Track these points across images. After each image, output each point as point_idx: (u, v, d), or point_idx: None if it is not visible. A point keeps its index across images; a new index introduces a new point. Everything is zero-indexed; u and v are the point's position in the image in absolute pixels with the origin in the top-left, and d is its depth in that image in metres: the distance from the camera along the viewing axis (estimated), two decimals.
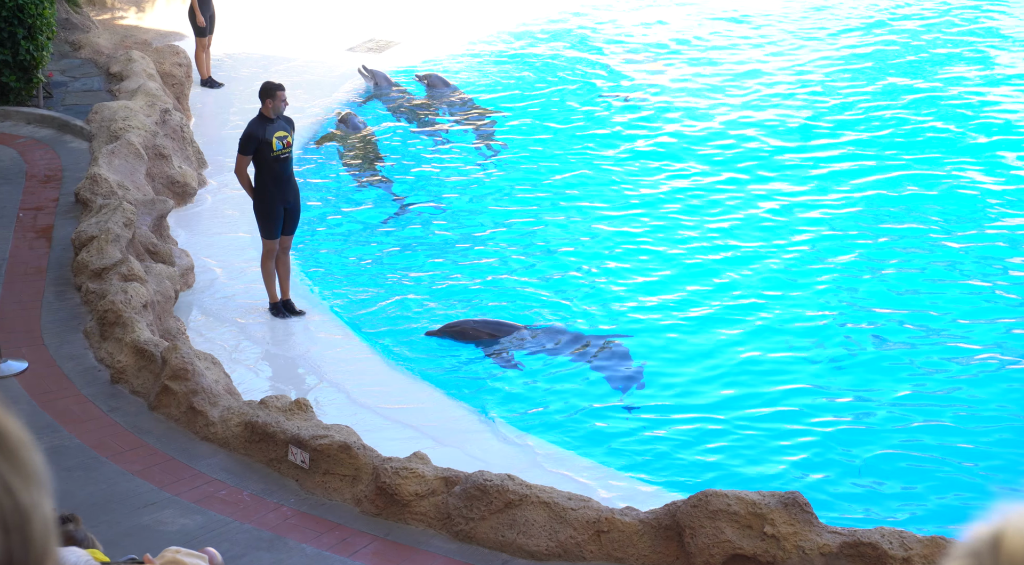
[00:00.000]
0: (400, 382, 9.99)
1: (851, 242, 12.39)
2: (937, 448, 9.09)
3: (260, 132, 10.37)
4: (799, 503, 6.76)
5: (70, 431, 8.23)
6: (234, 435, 8.15)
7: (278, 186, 10.47)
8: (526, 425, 9.42)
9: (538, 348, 10.40)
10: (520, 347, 10.42)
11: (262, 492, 7.70)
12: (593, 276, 11.76)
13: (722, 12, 20.08)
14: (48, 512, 1.29)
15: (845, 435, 9.28)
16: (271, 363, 10.37)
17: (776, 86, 16.82)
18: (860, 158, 14.43)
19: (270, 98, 10.39)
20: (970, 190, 13.46)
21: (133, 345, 8.90)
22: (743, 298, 11.32)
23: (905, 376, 10.04)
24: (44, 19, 13.63)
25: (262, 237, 10.74)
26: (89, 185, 11.23)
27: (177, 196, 12.72)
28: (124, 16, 18.77)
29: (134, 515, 7.31)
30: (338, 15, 19.45)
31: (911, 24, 19.32)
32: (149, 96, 13.62)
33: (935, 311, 11.01)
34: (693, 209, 13.24)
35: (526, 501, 7.17)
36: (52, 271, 10.40)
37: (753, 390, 9.88)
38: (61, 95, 14.39)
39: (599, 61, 17.94)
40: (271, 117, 10.41)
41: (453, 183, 14.09)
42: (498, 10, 20.03)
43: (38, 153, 12.94)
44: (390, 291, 11.56)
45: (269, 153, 10.37)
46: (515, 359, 10.29)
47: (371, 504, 7.52)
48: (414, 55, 18.12)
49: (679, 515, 6.90)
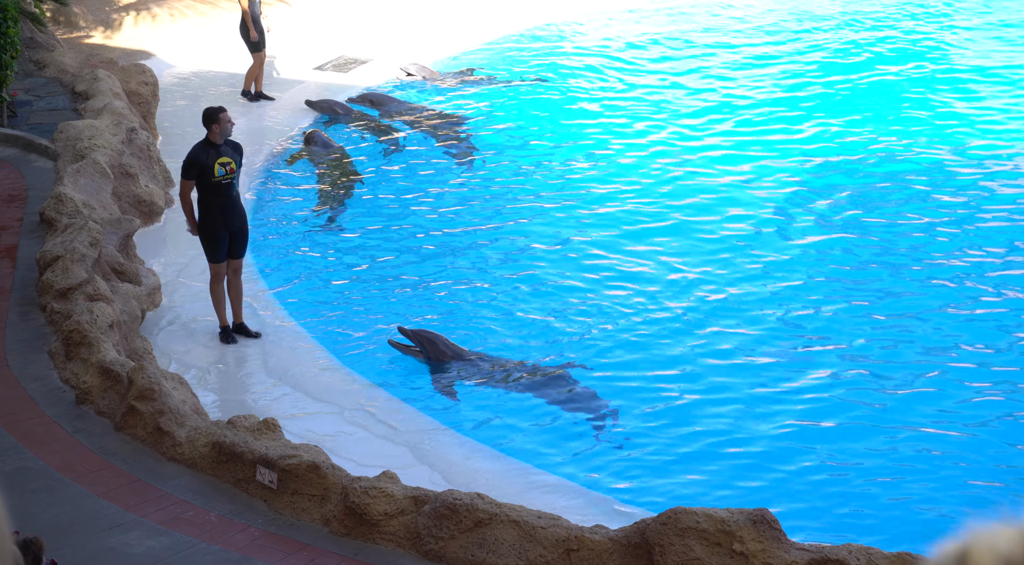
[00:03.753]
0: (371, 396, 9.96)
1: (835, 260, 12.44)
2: (908, 465, 9.14)
3: (203, 157, 10.32)
4: (767, 520, 6.79)
5: (34, 452, 8.14)
6: (201, 455, 8.09)
7: (222, 211, 10.44)
8: (495, 442, 9.40)
9: (486, 375, 10.31)
10: (467, 374, 10.32)
11: (230, 513, 7.64)
12: (561, 294, 11.76)
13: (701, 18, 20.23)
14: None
15: (813, 452, 9.33)
16: (239, 382, 10.31)
17: (761, 96, 16.94)
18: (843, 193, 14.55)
19: (215, 123, 10.32)
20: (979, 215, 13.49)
21: (99, 365, 8.83)
22: (719, 316, 11.35)
23: (873, 392, 10.10)
24: (8, 38, 13.54)
25: (208, 261, 10.70)
26: (54, 204, 11.14)
27: (144, 215, 12.64)
28: (90, 35, 18.68)
29: (99, 537, 7.23)
30: (306, 34, 19.44)
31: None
32: (115, 115, 13.54)
33: (899, 334, 11.09)
34: (672, 222, 13.24)
35: (496, 520, 7.15)
36: (16, 291, 10.30)
37: (722, 408, 9.90)
38: (26, 114, 14.29)
39: (574, 70, 18.02)
40: (217, 142, 10.37)
41: (425, 195, 14.08)
42: (465, 27, 20.09)
43: (2, 172, 12.83)
44: (360, 307, 11.53)
45: (211, 179, 10.34)
46: (455, 384, 10.19)
47: (340, 524, 7.48)
48: (382, 73, 18.13)
49: (648, 533, 6.91)
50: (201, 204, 10.49)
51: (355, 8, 20.64)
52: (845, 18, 20.70)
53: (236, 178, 10.50)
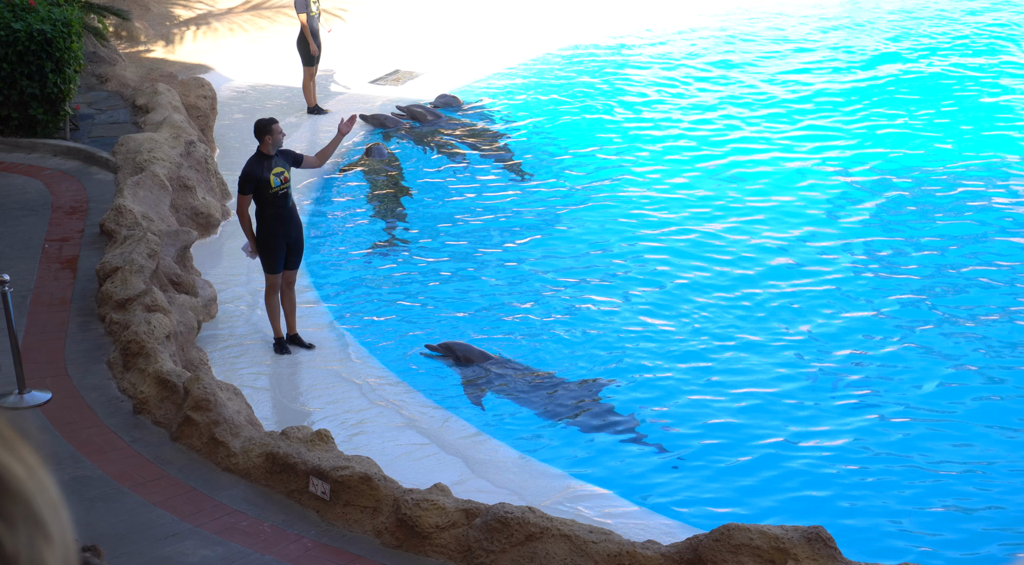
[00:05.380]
0: (423, 410, 9.99)
1: (873, 265, 12.33)
2: (972, 485, 8.96)
3: (259, 170, 10.41)
4: (823, 538, 6.70)
5: (93, 462, 8.25)
6: (255, 466, 8.15)
7: (280, 222, 10.52)
8: (546, 456, 9.39)
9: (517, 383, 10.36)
10: (493, 382, 10.38)
11: (283, 523, 7.70)
12: (603, 311, 11.73)
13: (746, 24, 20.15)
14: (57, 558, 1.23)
15: (871, 469, 9.20)
16: (292, 393, 10.38)
17: (792, 112, 16.83)
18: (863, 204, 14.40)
19: (268, 134, 10.41)
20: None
21: (156, 376, 8.93)
22: (763, 328, 11.26)
23: (921, 409, 9.94)
24: (71, 53, 13.79)
25: (265, 272, 10.78)
26: (114, 216, 11.31)
27: (201, 227, 12.80)
28: (151, 50, 18.97)
29: (155, 546, 7.31)
30: (359, 48, 19.59)
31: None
32: (174, 128, 13.74)
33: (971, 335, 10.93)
34: (709, 237, 13.21)
35: (547, 533, 7.13)
36: (76, 302, 10.47)
37: (774, 422, 9.81)
38: (87, 127, 14.54)
39: (621, 87, 18.00)
40: (270, 153, 10.46)
41: (475, 210, 14.13)
42: (517, 42, 20.15)
43: (64, 185, 13.06)
44: (411, 318, 11.58)
45: (268, 191, 10.42)
46: (488, 391, 10.27)
47: (391, 536, 7.50)
48: (436, 86, 18.23)
49: (701, 549, 6.85)
50: (259, 216, 10.59)
51: (410, 23, 20.79)
52: (892, 30, 20.49)
53: (291, 188, 10.61)
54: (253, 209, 10.61)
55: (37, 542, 1.20)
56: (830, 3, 22.51)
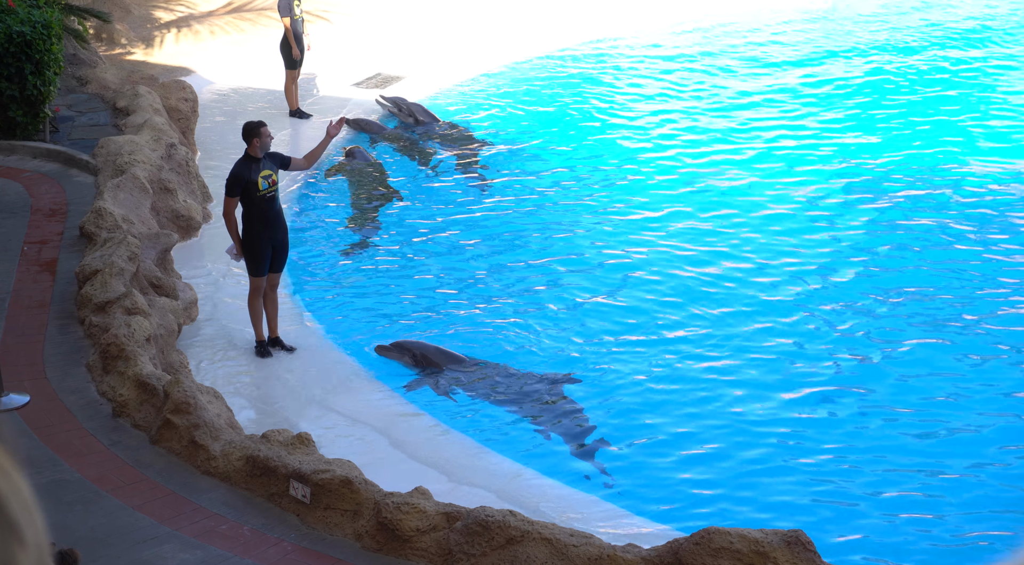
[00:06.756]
0: (403, 410, 9.98)
1: (853, 268, 12.38)
2: (946, 488, 9.02)
3: (246, 173, 10.40)
4: (802, 542, 6.73)
5: (71, 465, 8.21)
6: (235, 469, 8.13)
7: (265, 224, 10.50)
8: (525, 459, 9.39)
9: (482, 384, 10.36)
10: (461, 381, 10.39)
11: (263, 527, 7.67)
12: (578, 308, 11.74)
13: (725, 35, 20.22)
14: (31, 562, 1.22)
15: (848, 472, 9.24)
16: (273, 397, 10.36)
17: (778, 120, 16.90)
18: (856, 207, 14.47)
19: (256, 137, 10.41)
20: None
21: (135, 379, 8.90)
22: (740, 328, 11.30)
23: (919, 412, 9.98)
24: (51, 55, 13.73)
25: (249, 274, 10.77)
26: (94, 219, 11.27)
27: (181, 230, 12.75)
28: (131, 52, 18.90)
29: (134, 550, 7.28)
30: (342, 50, 19.57)
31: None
32: (155, 130, 13.69)
33: (946, 339, 10.99)
34: (686, 236, 13.24)
35: (528, 537, 7.14)
36: (56, 304, 10.42)
37: (755, 427, 9.84)
38: (67, 130, 14.47)
39: (603, 93, 18.04)
40: (258, 156, 10.45)
41: (453, 214, 14.13)
42: (502, 45, 20.16)
43: (44, 187, 12.99)
44: (395, 322, 11.57)
45: (255, 193, 10.41)
46: (451, 391, 10.28)
47: (372, 539, 7.49)
48: (419, 90, 18.22)
49: (681, 552, 6.87)
50: (245, 219, 10.57)
51: (394, 25, 20.77)
52: (889, 38, 20.62)
53: (278, 191, 10.59)
54: (240, 212, 10.59)
55: (11, 545, 1.19)
56: (815, 6, 22.60)
